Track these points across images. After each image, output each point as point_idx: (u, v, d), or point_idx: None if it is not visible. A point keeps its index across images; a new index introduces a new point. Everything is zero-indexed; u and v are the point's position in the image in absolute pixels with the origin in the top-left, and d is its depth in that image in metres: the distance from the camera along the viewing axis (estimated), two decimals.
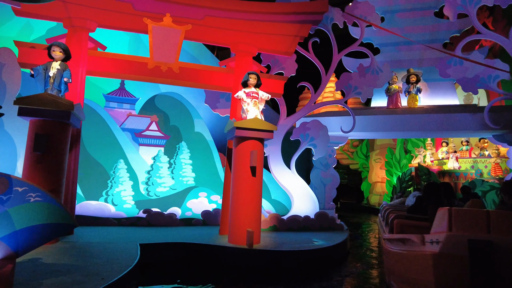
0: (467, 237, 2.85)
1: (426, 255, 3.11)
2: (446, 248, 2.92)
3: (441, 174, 12.48)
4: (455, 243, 2.90)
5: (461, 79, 7.92)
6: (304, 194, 7.88)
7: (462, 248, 2.85)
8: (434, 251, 3.02)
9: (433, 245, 3.07)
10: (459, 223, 2.99)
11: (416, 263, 3.31)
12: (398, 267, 3.76)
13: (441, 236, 3.00)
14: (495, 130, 8.05)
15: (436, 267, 2.99)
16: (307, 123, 8.24)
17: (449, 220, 3.04)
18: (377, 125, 8.75)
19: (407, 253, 3.52)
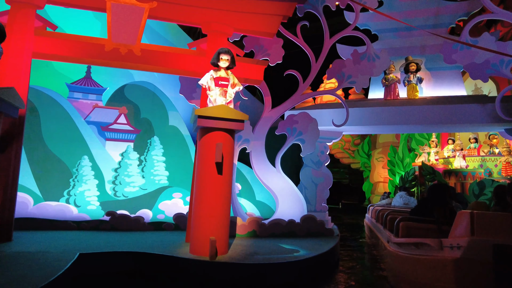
0: (491, 242, 2.76)
1: (446, 261, 3.01)
2: (469, 253, 2.84)
3: (447, 173, 11.55)
4: (478, 248, 2.81)
5: (468, 65, 6.97)
6: (290, 195, 7.00)
7: (486, 254, 2.76)
8: (455, 256, 2.93)
9: (454, 250, 2.99)
10: (482, 228, 2.91)
11: (434, 269, 3.20)
12: (411, 272, 3.62)
13: (463, 240, 2.90)
14: (508, 122, 7.09)
15: (457, 273, 2.90)
16: (295, 115, 7.36)
17: (471, 224, 2.96)
18: (373, 118, 7.83)
19: (422, 258, 3.38)
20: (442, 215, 4.12)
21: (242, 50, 6.55)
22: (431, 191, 4.64)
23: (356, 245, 8.69)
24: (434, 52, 8.56)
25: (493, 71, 6.81)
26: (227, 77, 4.85)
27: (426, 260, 3.34)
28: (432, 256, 3.27)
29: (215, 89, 4.77)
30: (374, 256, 6.81)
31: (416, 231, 4.13)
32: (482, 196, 9.95)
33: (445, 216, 4.11)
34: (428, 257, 3.32)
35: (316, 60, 7.52)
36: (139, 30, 5.61)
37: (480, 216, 2.98)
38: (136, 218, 6.45)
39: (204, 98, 5.70)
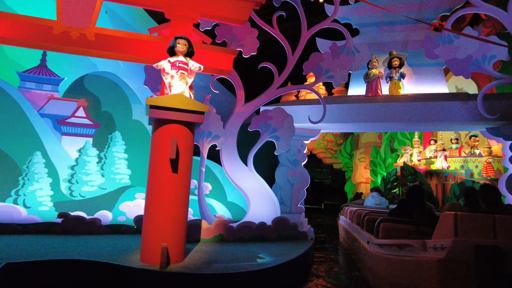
0: (474, 242, 2.80)
1: (430, 261, 3.03)
2: (452, 254, 2.88)
3: (429, 174, 11.33)
4: (461, 248, 2.84)
5: (450, 61, 6.65)
6: (263, 196, 6.54)
7: (469, 254, 2.79)
8: (439, 257, 2.96)
9: (437, 251, 3.00)
10: (465, 228, 2.94)
11: (418, 269, 3.21)
12: (394, 273, 3.65)
13: (447, 241, 2.94)
14: (489, 121, 6.81)
15: (441, 273, 2.95)
16: (269, 111, 6.90)
17: (455, 225, 2.99)
18: (353, 115, 7.44)
19: (406, 259, 3.40)
20: (421, 216, 4.15)
21: (209, 38, 6.04)
22: (410, 193, 4.64)
23: (333, 247, 8.32)
24: (417, 47, 8.24)
25: (475, 67, 6.50)
26: (185, 61, 4.34)
27: (410, 261, 3.35)
28: (416, 257, 3.27)
29: (171, 72, 4.24)
30: (351, 258, 6.55)
31: (396, 232, 4.15)
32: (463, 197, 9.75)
33: (423, 217, 4.16)
34: (412, 258, 3.32)
35: (293, 53, 7.09)
36: (93, 13, 5.03)
37: (463, 217, 2.99)
38: (92, 221, 5.87)
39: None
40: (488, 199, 3.65)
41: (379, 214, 5.88)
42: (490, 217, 2.96)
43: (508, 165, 7.13)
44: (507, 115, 6.60)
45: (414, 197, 4.44)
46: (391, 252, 3.80)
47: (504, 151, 7.30)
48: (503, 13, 6.41)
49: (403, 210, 4.52)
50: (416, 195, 4.42)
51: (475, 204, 4.10)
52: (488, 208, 3.57)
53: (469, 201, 4.29)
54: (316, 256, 6.55)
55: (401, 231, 4.11)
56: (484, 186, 3.84)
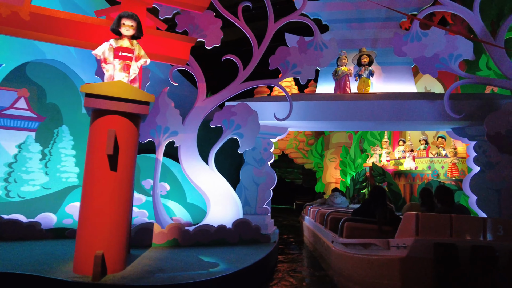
0: (433, 241, 2.91)
1: (393, 260, 3.13)
2: (413, 252, 2.97)
3: (397, 174, 11.35)
4: (422, 247, 2.95)
5: (418, 59, 6.52)
6: (224, 196, 6.13)
7: (428, 252, 2.90)
8: (401, 255, 3.05)
9: (400, 249, 3.08)
10: (425, 228, 3.05)
11: (381, 267, 3.30)
12: (358, 271, 3.74)
13: (408, 240, 3.03)
14: (455, 121, 6.74)
15: (403, 271, 3.03)
16: (233, 106, 6.50)
17: (417, 224, 3.07)
18: (321, 112, 7.18)
19: (370, 258, 3.49)
20: (383, 216, 4.31)
21: (164, 24, 5.57)
22: (372, 193, 4.83)
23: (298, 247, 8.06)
24: (386, 45, 8.11)
25: (442, 65, 6.40)
26: (131, 47, 3.86)
27: (374, 259, 3.44)
28: (380, 256, 3.36)
29: (113, 62, 3.76)
30: (315, 257, 6.43)
31: (360, 231, 4.27)
32: None
33: (385, 217, 4.32)
34: (376, 256, 3.41)
35: (259, 46, 6.73)
36: None
37: (424, 217, 3.11)
38: (30, 224, 5.24)
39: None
40: (443, 199, 3.91)
41: (342, 214, 5.93)
42: (447, 216, 3.09)
43: (472, 166, 7.10)
44: (472, 115, 6.55)
45: (376, 197, 4.62)
46: (356, 251, 3.86)
47: (468, 152, 7.27)
48: (470, 13, 6.36)
49: (366, 210, 4.66)
50: (378, 195, 4.62)
51: (430, 204, 4.36)
52: (444, 208, 3.84)
53: (425, 201, 4.55)
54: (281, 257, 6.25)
55: (364, 231, 4.25)
56: (440, 187, 4.12)
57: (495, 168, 6.70)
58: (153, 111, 6.15)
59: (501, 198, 6.59)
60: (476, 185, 6.78)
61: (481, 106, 6.56)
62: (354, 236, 4.25)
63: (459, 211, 3.79)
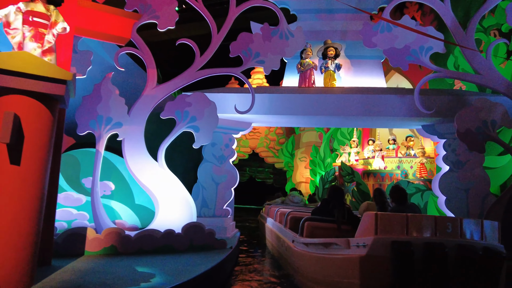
0: (390, 239, 3.02)
1: (353, 258, 3.22)
2: (372, 251, 3.07)
3: (366, 174, 11.08)
4: (380, 245, 3.05)
5: (388, 50, 6.12)
6: (175, 197, 5.44)
7: (386, 250, 3.01)
8: (361, 254, 3.14)
9: (360, 248, 3.17)
10: (384, 227, 3.13)
11: (341, 266, 3.39)
12: (319, 270, 3.82)
13: (368, 239, 3.14)
14: (425, 118, 6.42)
15: (362, 269, 3.12)
16: (187, 96, 5.82)
17: (375, 224, 3.15)
18: (285, 107, 6.64)
19: (331, 257, 3.58)
20: (341, 215, 4.37)
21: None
22: (331, 192, 4.83)
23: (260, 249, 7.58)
24: (356, 38, 7.70)
25: (413, 58, 6.04)
26: (46, 13, 3.12)
27: (335, 258, 3.50)
28: (340, 255, 3.42)
29: (22, 28, 3.00)
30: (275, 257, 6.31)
31: (320, 230, 4.32)
32: None
33: (343, 216, 4.39)
34: (337, 255, 3.48)
35: (218, 31, 6.10)
36: None
37: (383, 216, 3.19)
38: None
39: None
40: (397, 199, 4.15)
41: (302, 213, 5.91)
42: (404, 216, 3.17)
43: (441, 164, 6.82)
44: (442, 112, 6.24)
45: (335, 196, 4.66)
46: (317, 250, 3.90)
47: (438, 150, 6.99)
48: (440, 3, 6.05)
49: (325, 209, 4.67)
50: (337, 195, 4.67)
51: (383, 204, 4.61)
52: (397, 207, 4.04)
53: (377, 201, 4.73)
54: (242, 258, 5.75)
55: (324, 230, 4.30)
56: (394, 187, 4.31)
57: (464, 167, 6.43)
58: (94, 99, 5.38)
59: (469, 198, 6.33)
60: (445, 185, 6.50)
61: (451, 103, 6.27)
62: (315, 235, 4.28)
63: (411, 209, 4.01)
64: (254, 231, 11.32)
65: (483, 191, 6.27)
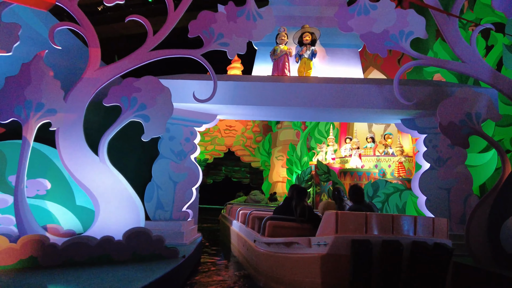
0: (351, 237, 3.08)
1: (314, 257, 3.26)
2: (333, 249, 3.12)
3: (342, 173, 10.59)
4: (340, 244, 3.10)
5: (366, 35, 5.54)
6: (118, 198, 4.62)
7: (347, 248, 3.05)
8: (322, 253, 3.19)
9: (321, 247, 3.22)
10: (344, 225, 3.18)
11: (303, 265, 3.44)
12: (281, 270, 3.88)
13: (329, 238, 3.18)
14: (404, 110, 5.88)
15: (323, 268, 3.17)
16: (136, 80, 5.01)
17: (336, 223, 3.20)
18: (255, 97, 5.94)
19: (293, 256, 3.62)
20: (302, 213, 4.41)
21: None
22: (293, 191, 4.82)
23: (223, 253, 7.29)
24: (332, 25, 7.08)
25: (392, 43, 5.48)
26: None
27: (296, 257, 3.53)
28: (301, 254, 3.46)
29: None
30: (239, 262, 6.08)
31: (282, 229, 4.32)
32: (376, 197, 9.05)
33: (304, 214, 4.41)
34: (298, 255, 3.51)
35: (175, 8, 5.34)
36: None
37: (343, 215, 3.26)
38: None
39: None
40: (355, 198, 4.26)
41: (264, 212, 5.82)
42: (363, 214, 3.23)
43: (421, 162, 6.30)
44: (423, 104, 5.71)
45: (296, 195, 4.63)
46: (279, 249, 3.89)
47: (418, 146, 6.48)
48: None
49: (288, 208, 4.62)
50: (299, 194, 4.64)
51: (340, 202, 4.71)
52: (355, 206, 4.16)
53: (335, 200, 4.82)
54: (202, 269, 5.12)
55: (286, 229, 4.29)
56: (352, 186, 4.45)
57: (445, 164, 5.94)
58: (21, 81, 4.51)
59: (451, 198, 5.84)
60: (425, 184, 5.99)
61: (432, 94, 5.74)
62: (277, 234, 4.24)
63: (369, 208, 4.14)
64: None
65: (466, 191, 5.79)
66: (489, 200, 4.78)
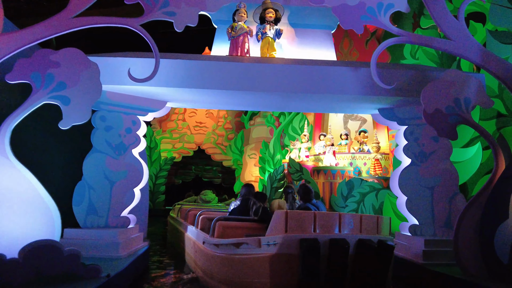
0: (299, 236, 3.08)
1: (264, 258, 3.24)
2: (282, 249, 3.10)
3: (316, 171, 9.83)
4: (290, 243, 3.08)
5: (339, 8, 4.72)
6: (24, 202, 3.56)
7: (296, 247, 3.05)
8: (271, 253, 3.16)
9: (270, 247, 3.18)
10: (293, 224, 3.18)
11: (253, 267, 3.40)
12: (230, 272, 3.82)
13: (278, 237, 3.15)
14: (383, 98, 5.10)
15: (272, 268, 3.15)
16: (54, 53, 3.95)
17: (286, 222, 3.18)
18: (210, 79, 4.98)
19: (242, 257, 3.58)
20: (257, 213, 4.40)
21: None
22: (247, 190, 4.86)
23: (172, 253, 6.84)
24: (301, 3, 6.23)
25: (369, 17, 4.69)
26: None
27: (245, 258, 3.52)
28: (251, 255, 3.43)
29: None
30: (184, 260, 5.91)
31: (234, 230, 4.29)
32: (351, 197, 8.34)
33: (257, 213, 4.39)
34: (247, 255, 3.49)
35: None
36: None
37: (292, 214, 3.24)
38: None
39: None
40: (305, 197, 4.36)
41: (215, 213, 5.78)
42: (312, 213, 3.29)
43: (401, 157, 5.57)
44: (404, 89, 4.95)
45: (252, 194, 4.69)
46: (228, 251, 3.83)
47: (397, 140, 5.73)
48: None
49: (245, 208, 4.59)
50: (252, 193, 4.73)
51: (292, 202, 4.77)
52: (304, 205, 4.30)
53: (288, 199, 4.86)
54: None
55: (238, 229, 4.24)
56: (301, 185, 4.50)
57: (428, 159, 5.21)
58: None
59: (435, 198, 5.11)
60: (405, 182, 5.26)
61: (414, 79, 4.98)
62: (227, 235, 4.18)
63: (317, 207, 4.19)
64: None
65: (451, 190, 5.08)
66: (480, 199, 4.05)
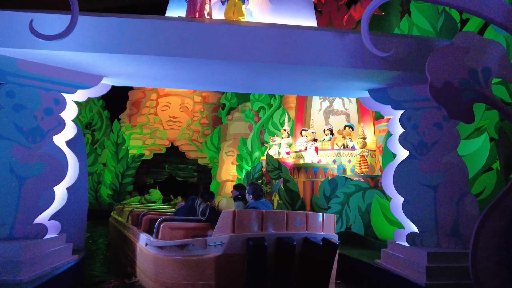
0: (246, 236, 3.05)
1: (209, 259, 3.19)
2: (229, 249, 3.06)
3: (296, 169, 8.83)
4: (236, 243, 3.05)
5: None
6: None
7: (242, 247, 3.03)
8: (217, 254, 3.12)
9: (217, 248, 3.13)
10: (240, 224, 3.11)
11: (198, 268, 3.33)
12: (174, 275, 3.74)
13: (225, 237, 3.11)
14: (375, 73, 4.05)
15: (218, 269, 3.10)
16: None
17: (233, 221, 3.12)
18: (158, 43, 3.81)
19: (187, 259, 3.52)
20: (204, 213, 4.31)
21: None
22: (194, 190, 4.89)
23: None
24: None
25: None
26: None
27: (190, 260, 3.46)
28: (196, 256, 3.38)
29: None
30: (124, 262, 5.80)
31: (179, 231, 4.18)
32: (334, 198, 7.35)
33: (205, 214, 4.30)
34: (193, 257, 3.43)
35: None
36: None
37: (239, 213, 3.18)
38: None
39: None
40: (255, 195, 4.31)
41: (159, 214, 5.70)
42: (259, 212, 3.24)
43: (395, 149, 4.55)
44: (402, 61, 3.90)
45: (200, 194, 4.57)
46: (172, 253, 3.71)
47: (390, 128, 4.70)
48: None
49: (191, 208, 4.55)
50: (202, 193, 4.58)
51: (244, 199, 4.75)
52: (254, 203, 4.23)
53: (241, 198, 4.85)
54: None
55: (185, 230, 4.16)
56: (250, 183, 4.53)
57: (430, 151, 4.20)
58: None
59: (438, 200, 4.10)
60: (402, 180, 4.24)
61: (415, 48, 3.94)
62: (173, 237, 4.01)
63: (265, 205, 4.20)
64: None
65: (458, 189, 4.07)
66: (505, 203, 3.04)
